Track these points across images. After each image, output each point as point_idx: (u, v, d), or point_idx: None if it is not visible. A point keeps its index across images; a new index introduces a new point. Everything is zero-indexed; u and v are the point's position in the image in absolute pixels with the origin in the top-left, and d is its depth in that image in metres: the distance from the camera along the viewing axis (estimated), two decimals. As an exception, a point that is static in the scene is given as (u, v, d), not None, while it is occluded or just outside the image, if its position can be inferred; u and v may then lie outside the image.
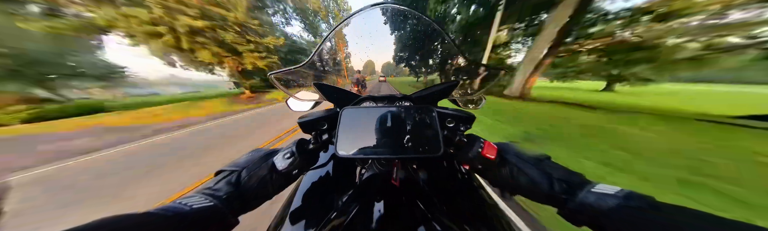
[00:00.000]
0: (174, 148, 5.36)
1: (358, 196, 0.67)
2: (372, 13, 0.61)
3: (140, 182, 3.45)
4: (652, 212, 0.33)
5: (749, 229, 0.28)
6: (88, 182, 3.70)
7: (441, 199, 0.65)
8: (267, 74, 0.67)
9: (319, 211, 0.66)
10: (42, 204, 3.10)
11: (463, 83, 0.85)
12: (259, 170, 0.53)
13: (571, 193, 0.42)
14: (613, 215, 0.36)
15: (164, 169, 3.91)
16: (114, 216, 0.32)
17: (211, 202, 0.42)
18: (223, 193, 0.46)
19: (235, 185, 0.49)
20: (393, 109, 0.59)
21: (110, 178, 3.79)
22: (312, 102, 0.86)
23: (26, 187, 3.71)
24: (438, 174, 0.83)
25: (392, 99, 0.85)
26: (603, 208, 0.37)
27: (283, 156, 0.56)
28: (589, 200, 0.39)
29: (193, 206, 0.39)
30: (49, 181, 3.98)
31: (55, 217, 2.78)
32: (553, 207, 0.46)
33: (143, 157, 4.80)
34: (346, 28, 0.63)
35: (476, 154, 0.53)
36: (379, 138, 0.54)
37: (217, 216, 0.42)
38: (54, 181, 3.92)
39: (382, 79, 3.18)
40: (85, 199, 3.09)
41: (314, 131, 0.68)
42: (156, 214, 0.35)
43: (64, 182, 3.84)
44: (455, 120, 0.67)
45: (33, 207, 3.04)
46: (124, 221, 0.32)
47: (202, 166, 3.90)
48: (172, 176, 3.54)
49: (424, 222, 0.51)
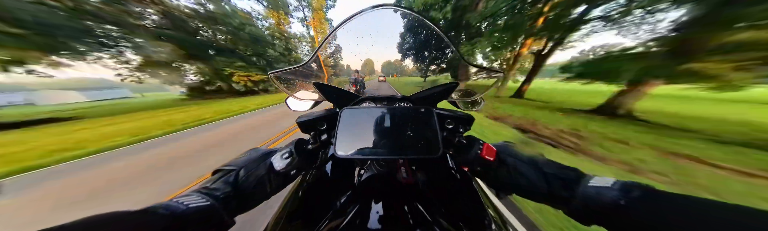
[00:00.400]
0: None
1: (356, 196, 0.67)
2: (373, 15, 0.62)
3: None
4: (655, 202, 0.34)
5: (751, 212, 0.28)
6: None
7: (439, 201, 0.65)
8: (268, 73, 0.67)
9: (317, 212, 0.66)
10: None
11: (463, 85, 0.85)
12: (257, 170, 0.53)
13: (570, 189, 0.42)
14: (621, 209, 0.35)
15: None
16: (109, 213, 0.32)
17: (208, 201, 0.42)
18: (221, 193, 0.45)
19: (233, 185, 0.49)
20: (393, 109, 0.59)
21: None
22: (311, 102, 0.86)
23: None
24: (437, 175, 0.83)
25: (392, 99, 0.85)
26: (606, 202, 0.37)
27: (281, 156, 0.56)
28: (589, 195, 0.39)
29: (190, 205, 0.39)
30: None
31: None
32: (558, 208, 0.45)
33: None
34: (346, 29, 0.64)
35: (475, 155, 0.54)
36: (378, 138, 0.54)
37: (213, 216, 0.41)
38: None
39: (382, 79, 3.18)
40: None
41: (313, 131, 0.68)
42: (152, 212, 0.35)
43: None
44: (454, 121, 0.68)
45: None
46: (119, 218, 0.32)
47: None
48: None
49: (422, 223, 0.51)
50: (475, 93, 0.86)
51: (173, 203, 0.39)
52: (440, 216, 0.57)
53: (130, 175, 3.98)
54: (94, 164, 4.82)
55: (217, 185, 0.47)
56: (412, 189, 0.68)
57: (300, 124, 0.67)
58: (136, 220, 0.33)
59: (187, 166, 4.14)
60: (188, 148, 5.46)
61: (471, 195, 0.76)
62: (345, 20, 0.61)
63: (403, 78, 5.87)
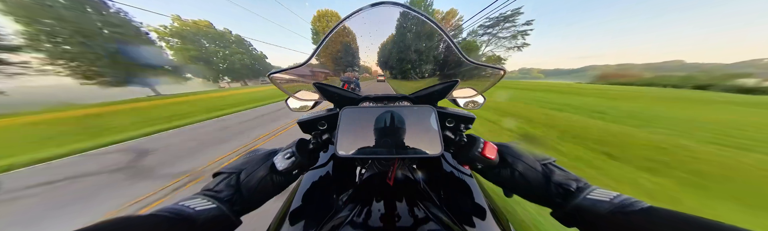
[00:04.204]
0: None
1: (358, 195, 0.67)
2: (372, 13, 0.61)
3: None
4: (642, 217, 0.34)
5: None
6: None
7: (440, 199, 0.65)
8: (266, 74, 0.66)
9: (319, 211, 0.66)
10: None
11: (463, 83, 0.84)
12: (259, 171, 0.53)
13: (567, 197, 0.43)
14: (604, 220, 0.37)
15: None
16: (118, 217, 0.33)
17: (214, 203, 0.42)
18: (225, 195, 0.46)
19: (236, 186, 0.49)
20: (393, 109, 0.59)
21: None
22: (311, 102, 0.86)
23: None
24: (438, 174, 0.83)
25: (392, 99, 0.85)
26: (595, 213, 0.38)
27: (283, 156, 0.56)
28: (583, 205, 0.40)
29: (196, 208, 0.40)
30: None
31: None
32: (546, 207, 0.47)
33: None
34: (346, 29, 0.63)
35: (476, 154, 0.53)
36: (379, 138, 0.54)
37: (220, 217, 0.42)
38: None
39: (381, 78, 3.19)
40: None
41: (314, 131, 0.68)
42: (161, 216, 0.36)
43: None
44: (455, 120, 0.67)
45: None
46: (129, 223, 0.32)
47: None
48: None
49: (423, 221, 0.51)
50: (475, 91, 0.85)
51: (179, 207, 0.39)
52: (441, 214, 0.57)
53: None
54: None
55: (220, 187, 0.48)
56: (414, 188, 0.68)
57: (301, 124, 0.67)
58: (144, 224, 0.33)
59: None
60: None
61: (472, 193, 0.76)
62: (345, 18, 0.61)
63: (405, 82, 5.90)
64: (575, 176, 0.48)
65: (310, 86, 0.79)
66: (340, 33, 0.65)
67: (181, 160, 4.11)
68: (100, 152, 5.13)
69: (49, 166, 4.41)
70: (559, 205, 0.44)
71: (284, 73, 0.70)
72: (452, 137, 0.62)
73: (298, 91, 0.81)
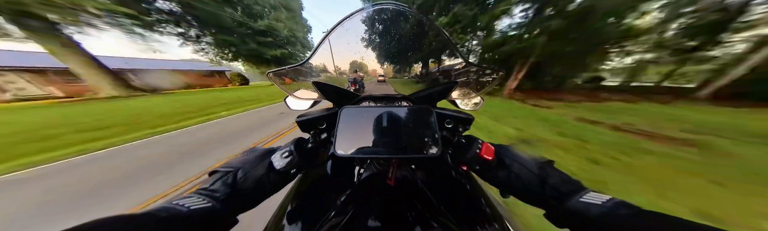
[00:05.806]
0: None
1: (355, 195, 0.67)
2: (372, 13, 0.61)
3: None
4: (633, 221, 0.35)
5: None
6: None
7: (438, 200, 0.65)
8: (266, 73, 0.66)
9: (317, 211, 0.66)
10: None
11: (462, 84, 0.84)
12: (256, 169, 0.53)
13: (561, 199, 0.43)
14: (595, 223, 0.37)
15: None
16: (111, 216, 0.32)
17: (209, 202, 0.42)
18: (221, 194, 0.45)
19: (232, 185, 0.48)
20: (392, 109, 0.59)
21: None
22: (311, 101, 0.86)
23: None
24: (436, 174, 0.83)
25: (391, 99, 0.85)
26: (586, 216, 0.38)
27: (281, 155, 0.56)
28: (575, 208, 0.40)
29: (191, 207, 0.39)
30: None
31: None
32: (539, 208, 0.48)
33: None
34: (345, 28, 0.63)
35: (474, 155, 0.53)
36: (377, 138, 0.54)
37: (215, 216, 0.41)
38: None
39: (381, 78, 3.19)
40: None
41: (313, 130, 0.67)
42: (155, 215, 0.35)
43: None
44: (454, 121, 0.67)
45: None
46: (120, 223, 0.32)
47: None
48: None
49: (421, 222, 0.51)
50: (474, 92, 0.85)
51: (173, 206, 0.38)
52: (440, 215, 0.57)
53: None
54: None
55: (216, 186, 0.47)
56: (412, 188, 0.68)
57: (300, 124, 0.67)
58: (137, 223, 0.33)
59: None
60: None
61: (470, 194, 0.76)
62: (345, 18, 0.60)
63: (405, 82, 5.91)
64: (571, 179, 0.48)
65: (309, 85, 0.79)
66: (341, 33, 0.65)
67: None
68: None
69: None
70: (552, 207, 0.44)
71: (284, 72, 0.70)
72: (451, 138, 0.62)
73: (298, 89, 0.81)
